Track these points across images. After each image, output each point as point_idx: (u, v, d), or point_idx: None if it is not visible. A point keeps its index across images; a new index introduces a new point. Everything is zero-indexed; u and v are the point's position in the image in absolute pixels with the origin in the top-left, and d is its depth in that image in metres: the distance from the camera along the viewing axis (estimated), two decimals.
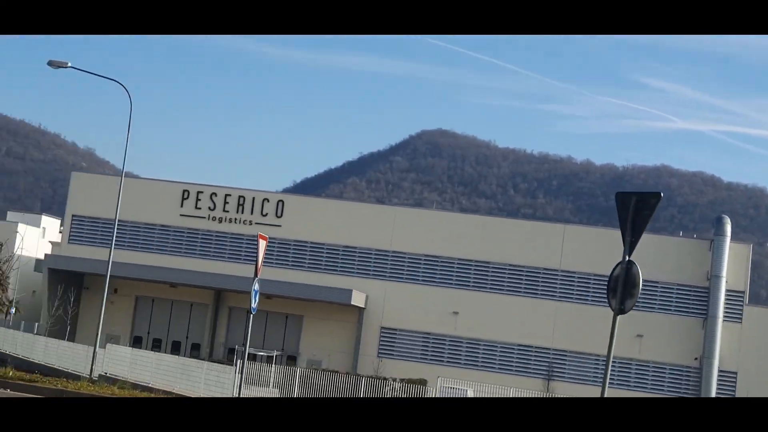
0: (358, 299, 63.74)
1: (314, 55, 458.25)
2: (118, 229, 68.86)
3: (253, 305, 21.62)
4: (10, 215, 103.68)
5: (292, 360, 65.26)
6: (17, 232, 79.89)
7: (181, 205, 68.98)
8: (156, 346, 67.11)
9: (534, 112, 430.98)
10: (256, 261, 21.99)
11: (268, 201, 68.26)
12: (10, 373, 28.19)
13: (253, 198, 68.37)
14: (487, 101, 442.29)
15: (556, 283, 65.10)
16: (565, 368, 64.27)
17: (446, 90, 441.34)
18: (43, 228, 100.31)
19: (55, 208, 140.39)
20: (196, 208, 68.82)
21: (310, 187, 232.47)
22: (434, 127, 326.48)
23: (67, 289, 60.47)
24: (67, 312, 58.06)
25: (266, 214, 67.71)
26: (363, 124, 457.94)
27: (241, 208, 68.09)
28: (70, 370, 38.50)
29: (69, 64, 38.96)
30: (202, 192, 69.17)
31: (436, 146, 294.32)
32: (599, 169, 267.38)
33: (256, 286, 21.65)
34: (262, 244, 22.15)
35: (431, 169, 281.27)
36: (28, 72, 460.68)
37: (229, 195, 68.68)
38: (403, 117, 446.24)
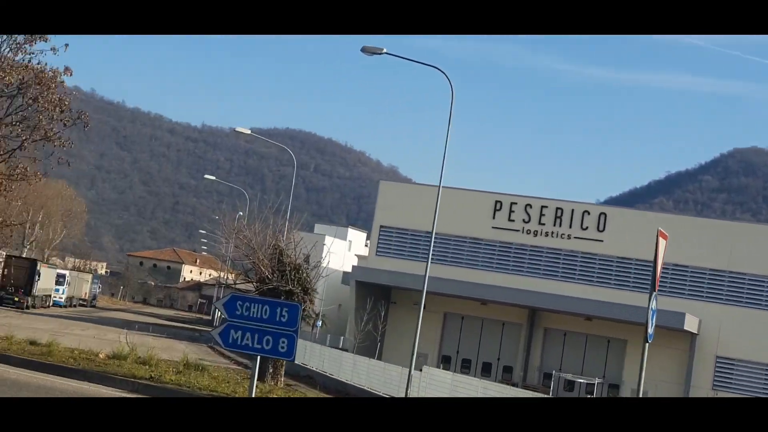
0: (690, 324, 56.50)
1: (619, 74, 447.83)
2: (426, 241, 65.57)
3: (650, 330, 15.71)
4: (318, 227, 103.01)
5: (614, 388, 58.98)
6: (324, 244, 77.84)
7: (493, 217, 64.18)
8: (465, 366, 62.73)
9: None
10: (654, 269, 16.14)
11: (588, 213, 62.27)
12: None
13: (572, 210, 62.54)
14: None
15: None
16: None
17: (762, 107, 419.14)
18: (350, 241, 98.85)
19: (360, 224, 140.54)
20: (509, 220, 63.79)
21: (614, 206, 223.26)
22: (748, 144, 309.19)
23: (377, 303, 56.88)
24: (377, 327, 54.28)
25: (586, 228, 61.75)
26: (670, 143, 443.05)
27: (558, 220, 62.42)
28: (381, 394, 34.23)
29: (384, 50, 34.97)
30: (515, 203, 64.07)
31: (749, 165, 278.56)
32: None
33: (654, 304, 15.75)
34: (662, 245, 16.31)
35: (744, 189, 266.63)
36: (334, 88, 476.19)
37: (546, 206, 63.18)
38: (714, 135, 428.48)
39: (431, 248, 35.91)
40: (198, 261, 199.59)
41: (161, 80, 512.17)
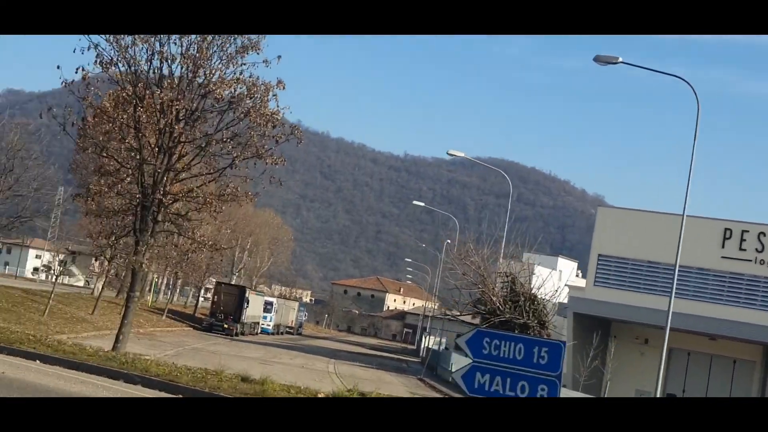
0: None
1: None
2: (649, 270, 61.42)
3: None
4: (525, 257, 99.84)
5: None
6: (534, 273, 74.52)
7: (722, 246, 59.19)
8: None
9: None
10: None
11: None
12: None
13: None
14: None
15: None
16: None
17: None
18: (560, 271, 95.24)
19: (564, 254, 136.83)
20: (740, 249, 58.68)
21: None
22: None
23: (605, 338, 53.02)
24: (604, 363, 50.40)
25: None
26: None
27: None
28: None
29: (620, 60, 31.82)
30: (747, 231, 58.86)
31: None
32: None
33: None
34: None
35: None
36: (537, 117, 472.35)
37: None
38: None
39: (674, 282, 33.01)
40: (402, 290, 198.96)
41: (364, 111, 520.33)
